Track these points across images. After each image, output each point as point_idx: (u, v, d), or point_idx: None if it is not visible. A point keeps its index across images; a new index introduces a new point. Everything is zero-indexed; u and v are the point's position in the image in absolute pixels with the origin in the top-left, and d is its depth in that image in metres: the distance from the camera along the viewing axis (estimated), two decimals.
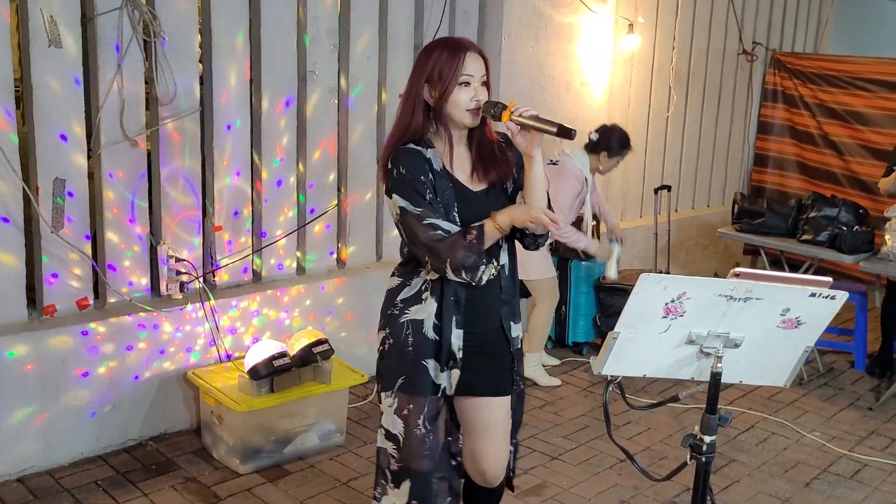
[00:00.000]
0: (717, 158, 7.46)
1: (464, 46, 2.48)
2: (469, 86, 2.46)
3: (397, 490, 2.63)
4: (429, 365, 2.54)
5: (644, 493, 3.82)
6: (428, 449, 2.57)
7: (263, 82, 4.35)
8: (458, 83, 2.45)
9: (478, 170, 2.55)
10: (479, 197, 2.53)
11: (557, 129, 2.36)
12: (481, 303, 2.57)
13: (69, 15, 3.64)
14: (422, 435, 2.55)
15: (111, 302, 4.00)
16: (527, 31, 5.31)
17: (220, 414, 3.87)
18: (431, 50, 2.50)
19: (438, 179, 2.47)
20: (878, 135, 6.70)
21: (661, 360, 2.26)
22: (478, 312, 2.57)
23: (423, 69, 2.48)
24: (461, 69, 2.44)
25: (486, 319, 2.60)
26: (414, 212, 2.43)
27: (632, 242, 6.48)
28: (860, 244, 5.15)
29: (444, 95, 2.45)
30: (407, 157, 2.46)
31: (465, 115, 2.48)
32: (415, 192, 2.43)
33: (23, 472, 3.69)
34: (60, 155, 3.72)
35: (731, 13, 7.11)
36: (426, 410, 2.55)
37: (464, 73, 2.44)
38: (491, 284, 2.55)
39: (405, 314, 2.55)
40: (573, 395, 4.89)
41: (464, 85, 2.45)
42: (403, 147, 2.48)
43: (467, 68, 2.45)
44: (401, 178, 2.45)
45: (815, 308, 2.19)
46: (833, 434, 4.54)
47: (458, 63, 2.44)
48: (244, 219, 4.41)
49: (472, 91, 2.46)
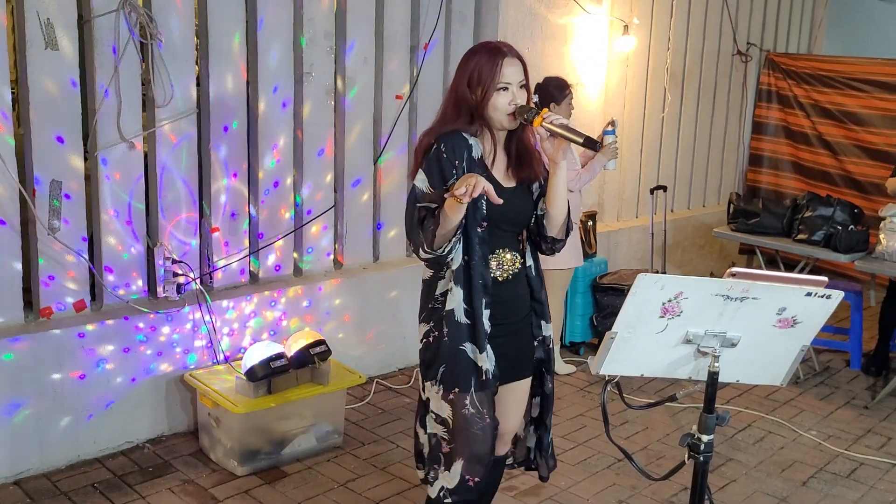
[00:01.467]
0: (713, 159, 7.47)
1: (502, 52, 2.59)
2: (507, 90, 2.58)
3: (448, 473, 2.70)
4: (466, 349, 2.63)
5: (642, 493, 3.83)
6: (480, 429, 2.65)
7: (260, 84, 4.35)
8: (497, 88, 2.57)
9: (512, 167, 2.68)
10: (507, 193, 2.62)
11: (584, 140, 2.50)
12: (507, 296, 2.69)
13: (65, 17, 3.64)
14: (470, 416, 2.63)
15: (108, 304, 4.00)
16: (522, 33, 5.32)
17: (217, 416, 3.87)
18: (472, 55, 2.63)
19: (474, 167, 2.57)
20: (872, 135, 6.73)
21: (658, 360, 2.27)
22: (504, 306, 2.68)
23: (465, 73, 2.61)
24: (499, 75, 2.56)
25: (515, 311, 2.73)
26: (420, 191, 2.56)
27: (628, 242, 6.50)
28: (855, 243, 5.17)
29: (485, 99, 2.58)
30: (452, 139, 2.58)
31: (504, 118, 2.60)
32: (438, 172, 2.55)
33: (19, 475, 3.69)
34: (57, 157, 3.72)
35: (725, 14, 7.13)
36: (472, 393, 2.63)
37: (502, 81, 2.57)
38: (517, 280, 2.70)
39: (445, 307, 2.64)
40: (570, 395, 4.90)
41: (502, 90, 2.57)
42: (451, 130, 2.60)
43: (505, 75, 2.57)
44: (436, 155, 2.56)
45: (811, 307, 2.20)
46: (829, 433, 4.55)
47: (497, 69, 2.57)
48: (241, 220, 4.41)
49: (510, 95, 2.58)
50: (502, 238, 2.66)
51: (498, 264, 2.65)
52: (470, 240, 2.59)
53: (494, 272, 2.65)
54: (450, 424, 2.66)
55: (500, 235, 2.65)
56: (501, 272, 2.66)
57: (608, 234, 6.27)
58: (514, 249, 2.69)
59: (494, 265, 2.65)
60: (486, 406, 2.65)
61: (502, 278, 2.67)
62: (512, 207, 2.62)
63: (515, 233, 2.71)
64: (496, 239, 2.64)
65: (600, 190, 6.30)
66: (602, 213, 6.31)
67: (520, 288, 2.73)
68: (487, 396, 2.65)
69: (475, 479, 2.69)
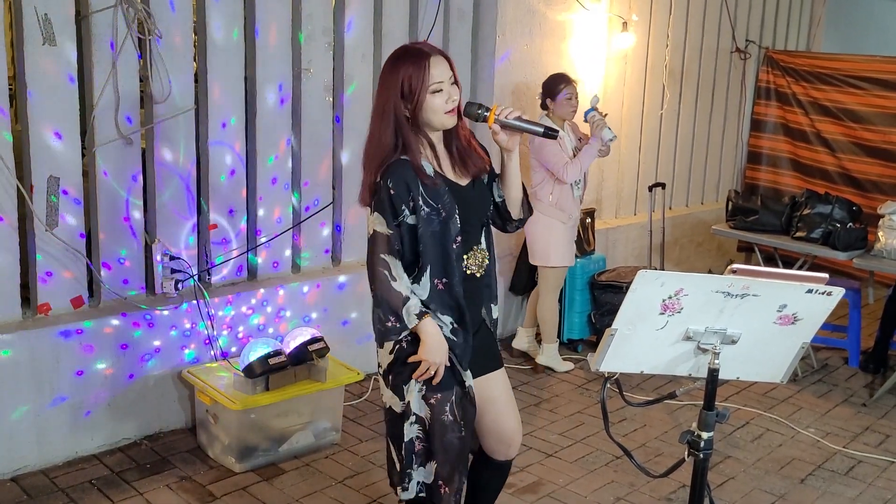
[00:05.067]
0: (711, 156, 7.47)
1: (425, 53, 2.53)
2: (441, 91, 2.52)
3: (423, 469, 2.69)
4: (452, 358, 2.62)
5: (640, 490, 3.82)
6: (457, 439, 2.63)
7: (258, 80, 4.34)
8: (431, 91, 2.51)
9: (458, 165, 2.65)
10: (465, 190, 2.63)
11: (544, 130, 2.56)
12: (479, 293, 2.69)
13: (63, 13, 3.63)
14: (449, 423, 2.61)
15: (106, 300, 3.99)
16: (521, 29, 5.31)
17: (215, 412, 3.86)
18: (395, 64, 2.54)
19: (432, 188, 2.54)
20: (870, 132, 6.72)
21: (658, 357, 2.27)
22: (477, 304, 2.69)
23: (394, 85, 2.52)
24: (429, 77, 2.50)
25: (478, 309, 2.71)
26: (381, 236, 2.53)
27: (626, 240, 6.50)
28: (854, 241, 5.17)
29: (419, 105, 2.51)
30: (396, 172, 2.52)
31: (444, 118, 2.55)
32: (391, 212, 2.51)
33: (17, 472, 3.68)
34: (55, 153, 3.71)
35: (724, 11, 7.12)
36: (455, 400, 2.62)
37: (433, 82, 2.50)
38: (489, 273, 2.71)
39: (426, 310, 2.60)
40: (569, 393, 4.89)
41: (436, 92, 2.52)
42: (393, 161, 2.53)
43: (434, 76, 2.51)
44: (386, 195, 2.51)
45: (811, 304, 2.19)
46: (827, 430, 4.55)
47: (425, 72, 2.50)
48: (239, 217, 4.40)
49: (445, 94, 2.53)
50: (474, 236, 2.65)
51: (474, 261, 2.65)
52: (448, 259, 2.56)
53: (472, 269, 2.64)
54: (426, 425, 2.62)
55: (471, 234, 2.64)
56: (477, 267, 2.66)
57: (606, 231, 6.27)
58: (481, 241, 2.69)
59: (472, 263, 2.64)
60: (466, 420, 2.63)
61: (479, 274, 2.67)
62: (473, 204, 2.64)
63: (482, 224, 2.70)
64: (469, 239, 2.63)
65: (599, 187, 6.30)
66: (600, 210, 6.30)
67: (488, 278, 2.71)
68: (464, 411, 2.63)
69: (446, 488, 2.65)
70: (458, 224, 2.56)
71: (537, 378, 5.07)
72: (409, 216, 2.52)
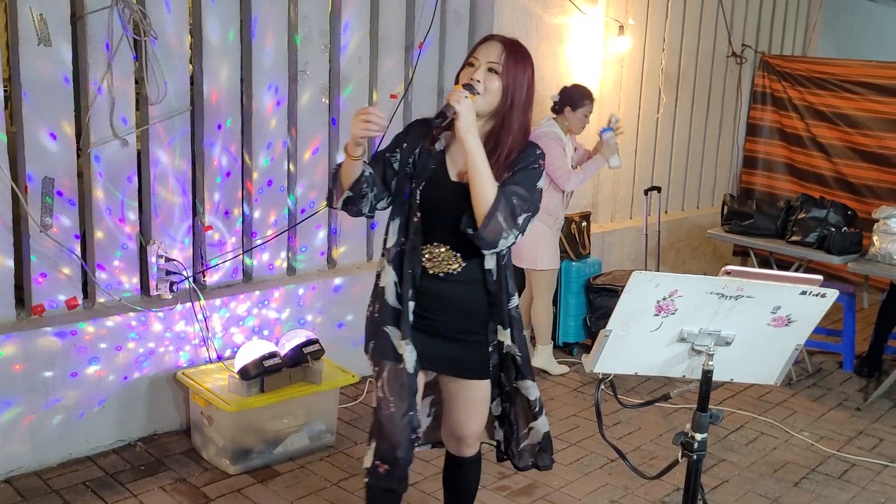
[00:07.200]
0: (707, 160, 7.49)
1: (490, 36, 2.56)
2: (472, 66, 2.50)
3: (369, 448, 2.70)
4: (390, 332, 2.61)
5: (634, 493, 3.82)
6: (386, 416, 2.60)
7: (254, 82, 4.34)
8: (466, 65, 2.53)
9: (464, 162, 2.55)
10: (450, 186, 2.56)
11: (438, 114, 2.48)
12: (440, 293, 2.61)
13: (59, 13, 3.62)
14: (380, 400, 2.61)
15: (100, 302, 3.98)
16: (517, 32, 5.31)
17: (210, 414, 3.86)
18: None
19: (429, 156, 2.57)
20: (866, 137, 6.74)
21: (652, 358, 2.27)
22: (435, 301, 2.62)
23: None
24: (473, 52, 2.53)
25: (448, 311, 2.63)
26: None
27: (622, 243, 6.50)
28: (848, 245, 5.18)
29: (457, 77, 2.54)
30: (417, 125, 2.65)
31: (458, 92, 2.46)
32: (391, 142, 2.63)
33: (10, 473, 3.67)
34: (50, 154, 3.70)
35: (720, 16, 7.14)
36: (386, 376, 2.60)
37: (472, 56, 2.52)
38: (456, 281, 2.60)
39: (378, 282, 2.67)
40: (563, 396, 4.89)
41: (469, 66, 2.51)
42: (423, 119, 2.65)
43: (478, 51, 2.51)
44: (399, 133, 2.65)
45: (805, 306, 2.20)
46: (822, 434, 4.55)
47: (474, 49, 2.53)
48: (235, 218, 4.40)
49: (473, 71, 2.49)
50: (439, 232, 2.56)
51: (430, 257, 2.58)
52: (408, 228, 2.58)
53: (425, 264, 2.58)
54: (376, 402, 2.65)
55: (436, 228, 2.56)
56: (432, 265, 2.58)
57: (602, 234, 6.27)
58: (452, 246, 2.57)
59: (427, 257, 2.58)
60: (396, 395, 2.58)
61: (432, 272, 2.59)
62: (444, 201, 2.54)
63: (454, 228, 2.51)
64: (430, 231, 2.56)
65: (594, 190, 6.30)
66: (596, 214, 6.31)
67: (460, 289, 2.61)
68: (398, 385, 2.57)
69: (384, 467, 2.62)
70: (418, 201, 2.55)
71: None
72: (397, 161, 2.59)
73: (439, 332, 2.64)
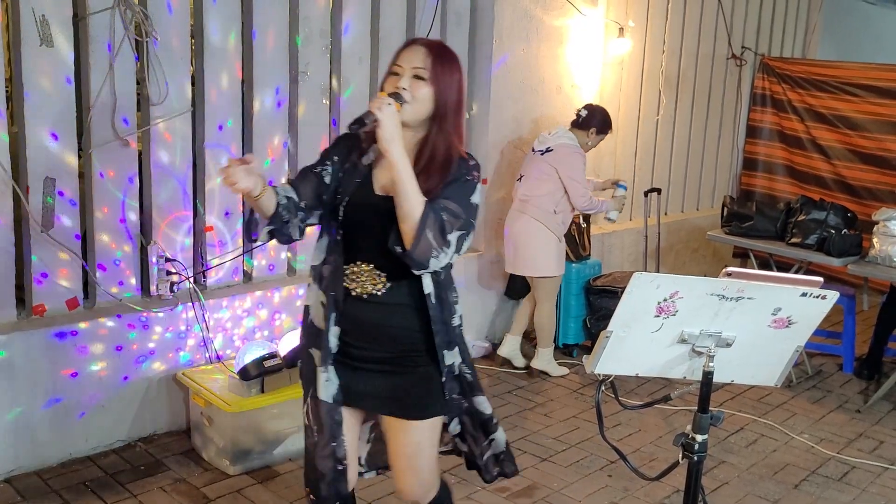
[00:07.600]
0: (707, 162, 7.49)
1: (411, 41, 2.38)
2: (396, 75, 2.32)
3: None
4: (314, 355, 2.44)
5: (634, 495, 3.82)
6: (311, 444, 2.48)
7: (255, 82, 4.34)
8: (389, 73, 2.34)
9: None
10: (375, 200, 2.34)
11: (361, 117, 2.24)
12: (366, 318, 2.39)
13: (61, 14, 3.63)
14: (306, 427, 2.49)
15: (101, 302, 3.99)
16: (518, 34, 5.32)
17: (209, 415, 3.86)
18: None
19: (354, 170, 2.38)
20: (865, 139, 6.74)
21: (653, 359, 2.27)
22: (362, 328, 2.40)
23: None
24: (395, 60, 2.34)
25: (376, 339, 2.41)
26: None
27: (622, 245, 6.51)
28: (848, 247, 5.18)
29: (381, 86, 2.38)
30: (341, 138, 2.49)
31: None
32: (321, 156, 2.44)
33: (11, 473, 3.67)
34: (51, 154, 3.70)
35: (720, 18, 7.15)
36: (310, 402, 2.46)
37: (395, 64, 2.33)
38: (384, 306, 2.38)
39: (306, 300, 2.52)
40: (564, 397, 4.89)
41: (393, 75, 2.33)
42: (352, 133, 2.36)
43: (401, 59, 2.32)
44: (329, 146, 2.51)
45: (806, 308, 2.20)
46: (822, 436, 4.56)
47: (396, 55, 2.35)
48: (235, 219, 4.40)
49: (398, 79, 2.30)
50: (364, 251, 2.35)
51: (353, 276, 2.36)
52: (333, 246, 2.39)
53: (348, 285, 2.37)
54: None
55: (361, 246, 2.36)
56: (355, 286, 2.36)
57: (602, 236, 6.27)
58: (377, 265, 2.35)
59: (350, 277, 2.36)
60: (318, 424, 2.42)
61: (355, 293, 2.37)
62: (369, 217, 2.32)
63: (380, 246, 2.29)
64: (355, 249, 2.36)
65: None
66: (596, 216, 6.31)
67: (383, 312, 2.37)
68: (321, 416, 2.40)
69: (311, 497, 2.49)
70: (341, 217, 2.35)
71: (532, 382, 5.07)
72: (328, 174, 2.38)
73: (367, 363, 2.41)
